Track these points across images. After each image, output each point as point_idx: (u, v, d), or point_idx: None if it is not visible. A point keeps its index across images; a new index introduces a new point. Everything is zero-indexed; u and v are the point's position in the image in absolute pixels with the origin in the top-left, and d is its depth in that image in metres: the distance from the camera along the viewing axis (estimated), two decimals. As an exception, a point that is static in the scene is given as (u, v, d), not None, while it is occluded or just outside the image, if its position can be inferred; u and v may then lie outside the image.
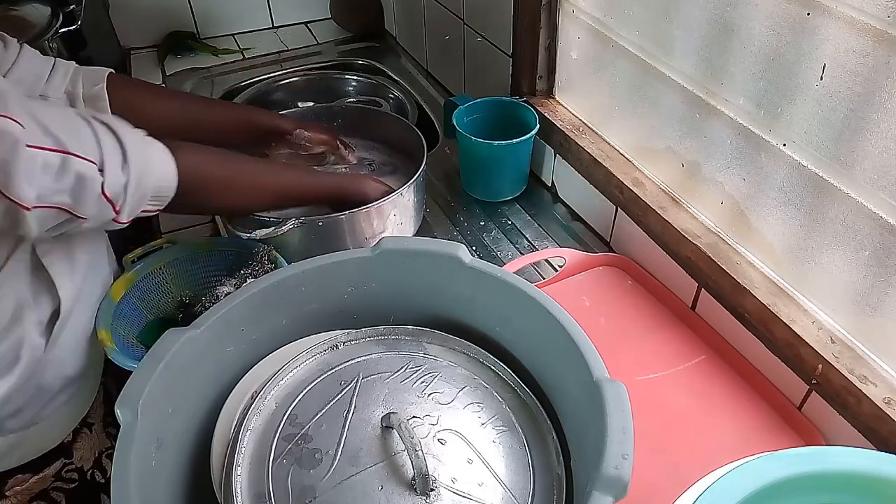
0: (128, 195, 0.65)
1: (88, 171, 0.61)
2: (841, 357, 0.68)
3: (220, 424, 0.58)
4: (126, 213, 0.66)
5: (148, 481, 0.50)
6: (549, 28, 1.04)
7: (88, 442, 0.87)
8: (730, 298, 0.79)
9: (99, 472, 0.90)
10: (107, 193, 0.63)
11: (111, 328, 0.77)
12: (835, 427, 0.70)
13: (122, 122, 0.67)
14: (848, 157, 0.64)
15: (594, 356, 0.54)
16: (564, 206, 1.10)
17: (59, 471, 0.84)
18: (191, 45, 1.60)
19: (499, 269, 0.63)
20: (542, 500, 0.54)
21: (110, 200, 0.64)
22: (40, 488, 0.83)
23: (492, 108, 1.09)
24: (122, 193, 0.64)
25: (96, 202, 0.63)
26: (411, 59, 1.58)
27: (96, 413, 0.89)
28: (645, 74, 0.88)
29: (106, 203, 0.64)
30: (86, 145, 0.61)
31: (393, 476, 0.53)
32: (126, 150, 0.64)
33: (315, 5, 1.73)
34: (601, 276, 0.94)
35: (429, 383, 0.61)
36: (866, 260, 0.65)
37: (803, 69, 0.65)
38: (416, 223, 1.00)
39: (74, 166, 0.60)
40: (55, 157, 0.58)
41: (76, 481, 0.87)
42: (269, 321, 0.64)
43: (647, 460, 0.69)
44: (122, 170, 0.64)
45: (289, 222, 0.84)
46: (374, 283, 0.66)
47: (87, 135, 0.62)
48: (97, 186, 0.62)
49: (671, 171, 0.89)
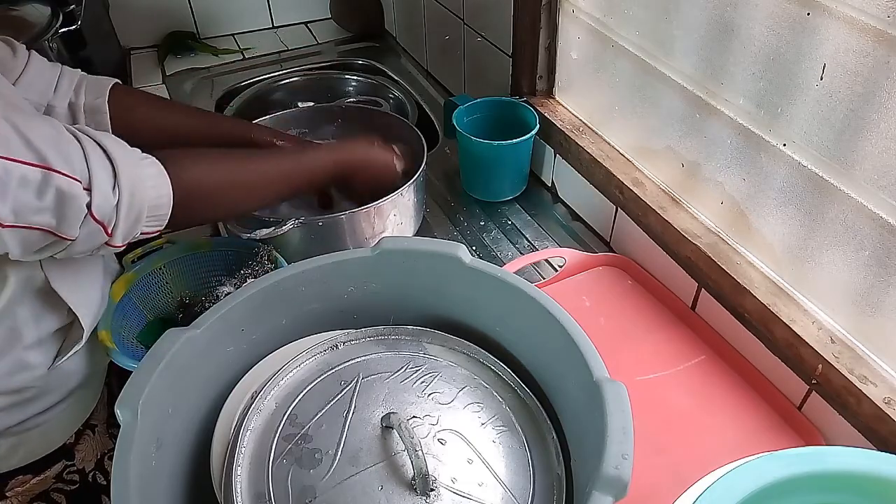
0: (120, 217, 0.61)
1: (73, 190, 0.57)
2: (841, 357, 0.68)
3: (220, 424, 0.58)
4: (120, 235, 0.62)
5: (148, 481, 0.50)
6: (549, 28, 1.04)
7: (91, 444, 0.87)
8: (730, 298, 0.79)
9: (101, 473, 0.90)
10: (95, 214, 0.59)
11: (111, 328, 0.77)
12: (835, 427, 0.70)
13: (115, 140, 0.63)
14: (848, 157, 0.64)
15: (594, 356, 0.54)
16: (564, 206, 1.10)
17: (61, 472, 0.84)
18: (191, 45, 1.60)
19: (499, 269, 0.63)
20: (542, 500, 0.54)
21: (100, 222, 0.60)
22: (41, 489, 0.83)
23: (492, 108, 1.09)
24: (114, 215, 0.60)
25: (83, 224, 0.59)
26: (411, 59, 1.58)
27: (100, 415, 0.89)
28: (645, 74, 0.88)
29: (95, 225, 0.60)
30: (72, 162, 0.57)
31: (393, 476, 0.53)
32: (117, 169, 0.60)
33: (315, 5, 1.73)
34: (601, 276, 0.94)
35: (429, 383, 0.61)
36: (866, 260, 0.65)
37: (803, 69, 0.65)
38: (416, 223, 1.00)
39: (57, 183, 0.56)
40: (35, 173, 0.54)
41: (77, 483, 0.86)
42: (269, 321, 0.64)
43: (647, 460, 0.69)
44: (113, 190, 0.60)
45: (289, 222, 0.84)
46: (374, 283, 0.66)
47: (75, 151, 0.58)
48: (83, 206, 0.58)
49: (671, 171, 0.89)
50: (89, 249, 0.62)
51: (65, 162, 0.56)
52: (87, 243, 0.61)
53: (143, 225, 0.64)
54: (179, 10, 1.59)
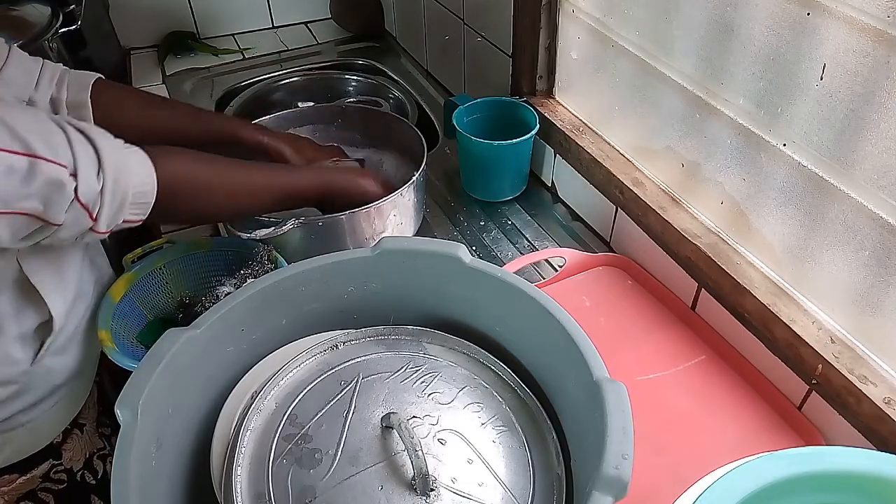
0: (104, 202, 0.62)
1: (59, 176, 0.58)
2: (841, 357, 0.68)
3: (220, 424, 0.58)
4: (104, 221, 0.63)
5: (148, 481, 0.50)
6: (549, 28, 1.04)
7: (79, 443, 0.87)
8: (730, 298, 0.79)
9: (90, 473, 0.89)
10: (81, 199, 0.60)
11: (111, 328, 0.77)
12: (835, 427, 0.70)
13: (99, 130, 0.64)
14: (848, 157, 0.64)
15: (594, 356, 0.54)
16: (564, 206, 1.10)
17: (48, 472, 0.84)
18: (191, 45, 1.60)
19: (499, 269, 0.63)
20: (542, 500, 0.54)
21: (85, 207, 0.61)
22: (28, 488, 0.83)
23: (492, 108, 1.09)
24: (98, 200, 0.61)
25: (70, 209, 0.60)
26: (411, 59, 1.58)
27: (89, 414, 0.89)
28: (645, 74, 0.88)
29: (81, 210, 0.61)
30: (57, 150, 0.58)
31: (393, 476, 0.53)
32: (101, 155, 0.61)
33: (315, 5, 1.73)
34: (601, 276, 0.94)
35: (429, 383, 0.61)
36: (866, 260, 0.65)
37: (803, 69, 0.65)
38: (416, 223, 1.00)
39: (44, 170, 0.57)
40: (22, 161, 0.56)
41: (65, 482, 0.86)
42: (269, 321, 0.64)
43: (647, 460, 0.69)
44: (98, 175, 0.61)
45: (289, 222, 0.84)
46: (374, 283, 0.66)
47: (59, 139, 0.59)
48: (70, 192, 0.59)
49: (671, 171, 0.89)
50: (74, 235, 0.63)
51: (50, 150, 0.58)
52: (72, 229, 0.62)
53: (127, 212, 0.65)
54: (179, 10, 1.59)
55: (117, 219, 0.64)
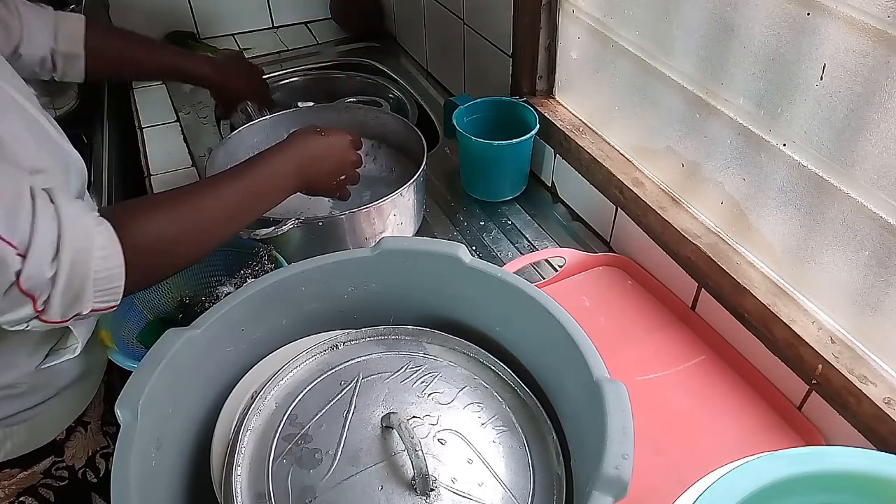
0: (56, 291, 0.55)
1: (3, 255, 0.52)
2: (841, 357, 0.68)
3: (220, 424, 0.58)
4: (55, 311, 0.57)
5: (148, 481, 0.50)
6: (549, 28, 1.04)
7: (82, 441, 0.87)
8: (730, 298, 0.79)
9: (91, 471, 0.89)
10: (22, 285, 0.53)
11: (111, 328, 0.77)
12: (835, 427, 0.70)
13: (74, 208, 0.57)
14: (848, 157, 0.63)
15: (594, 356, 0.54)
16: (564, 206, 1.10)
17: (49, 468, 0.84)
18: (191, 45, 1.59)
19: (499, 269, 0.63)
20: (542, 500, 0.54)
21: (27, 293, 0.54)
22: (29, 484, 0.83)
23: (492, 108, 1.09)
24: (47, 289, 0.55)
25: (7, 292, 0.53)
26: (411, 59, 1.58)
27: (94, 412, 0.89)
28: (645, 74, 0.88)
29: (20, 296, 0.54)
30: (15, 225, 0.52)
31: (393, 476, 0.53)
32: (62, 238, 0.55)
33: (315, 5, 1.73)
34: (601, 276, 0.94)
35: (429, 383, 0.61)
36: (866, 260, 0.65)
37: (803, 69, 0.65)
38: (416, 223, 1.00)
39: None
40: None
41: (66, 479, 0.86)
42: (269, 321, 0.64)
43: (647, 460, 0.69)
44: (52, 261, 0.55)
45: (289, 222, 0.84)
46: (374, 283, 0.66)
47: (22, 214, 0.53)
48: (10, 275, 0.52)
49: (671, 171, 0.89)
50: (14, 321, 0.57)
51: (6, 224, 0.52)
52: (10, 315, 0.56)
53: (93, 301, 0.59)
54: (179, 10, 1.59)
55: (77, 308, 0.58)
